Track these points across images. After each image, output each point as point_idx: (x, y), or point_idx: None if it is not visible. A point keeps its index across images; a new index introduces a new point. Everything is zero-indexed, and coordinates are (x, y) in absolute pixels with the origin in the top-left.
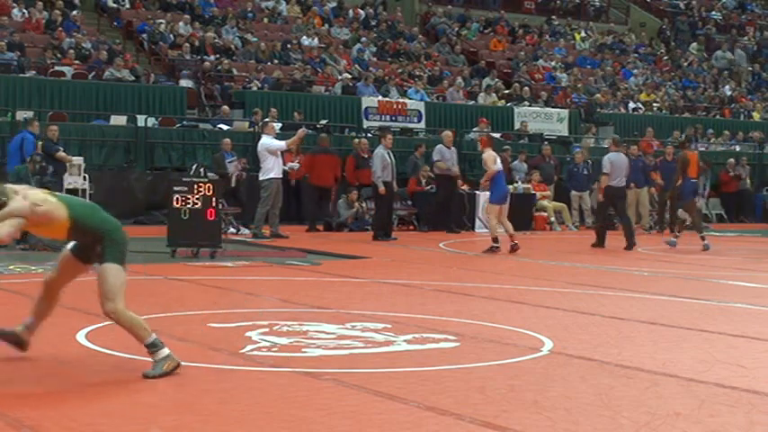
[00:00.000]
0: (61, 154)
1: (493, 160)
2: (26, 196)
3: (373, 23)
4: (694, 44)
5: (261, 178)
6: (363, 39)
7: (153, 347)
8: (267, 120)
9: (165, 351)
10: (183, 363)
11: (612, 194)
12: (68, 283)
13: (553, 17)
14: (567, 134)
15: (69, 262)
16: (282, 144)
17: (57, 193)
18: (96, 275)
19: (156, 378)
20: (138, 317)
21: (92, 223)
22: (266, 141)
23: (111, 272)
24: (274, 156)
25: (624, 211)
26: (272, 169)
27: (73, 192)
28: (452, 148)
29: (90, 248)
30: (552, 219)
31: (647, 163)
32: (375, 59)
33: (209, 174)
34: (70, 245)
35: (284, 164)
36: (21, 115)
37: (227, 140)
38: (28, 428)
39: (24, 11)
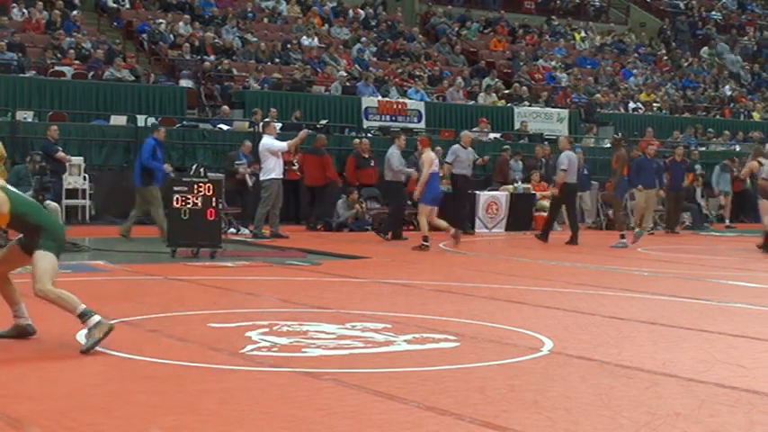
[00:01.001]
0: (60, 154)
1: (431, 162)
2: None
3: (373, 23)
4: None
5: (262, 178)
6: (363, 39)
7: (83, 317)
8: (268, 120)
9: (96, 318)
10: (182, 363)
11: (569, 191)
12: (12, 270)
13: (553, 17)
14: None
15: (15, 251)
16: (284, 145)
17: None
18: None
19: (92, 349)
20: (66, 292)
21: (30, 219)
22: (267, 142)
23: (42, 258)
24: (275, 156)
25: (575, 207)
26: (273, 169)
27: (73, 192)
28: (469, 147)
29: (30, 242)
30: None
31: (660, 164)
32: (375, 59)
33: (209, 173)
34: (17, 238)
35: (285, 164)
36: (21, 115)
37: (248, 144)
38: (27, 428)
39: (24, 11)
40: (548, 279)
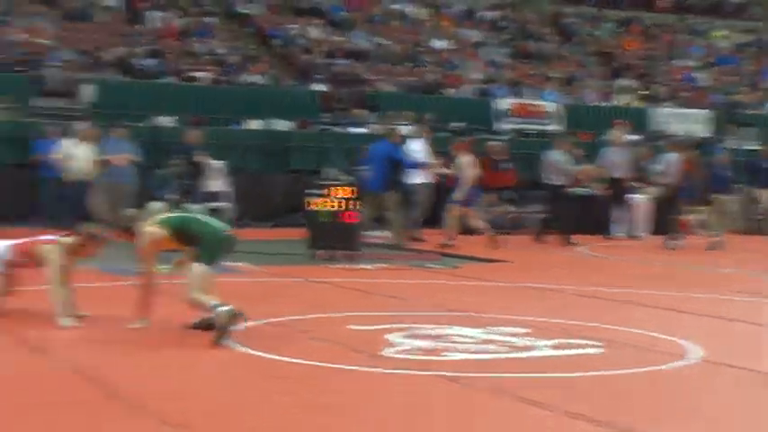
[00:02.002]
0: (200, 158)
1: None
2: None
3: (504, 25)
4: None
5: (409, 182)
6: (495, 40)
7: (213, 308)
8: (418, 125)
9: (224, 308)
10: (322, 364)
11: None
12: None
13: (690, 15)
14: (706, 135)
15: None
16: (425, 162)
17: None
18: None
19: (219, 336)
20: (208, 299)
21: (190, 232)
22: (414, 148)
23: (195, 269)
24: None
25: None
26: (420, 174)
27: (212, 195)
28: (623, 147)
29: (192, 251)
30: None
31: None
32: (507, 61)
33: (343, 177)
34: None
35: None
36: (161, 121)
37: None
38: (179, 426)
39: (162, 14)
40: (699, 285)
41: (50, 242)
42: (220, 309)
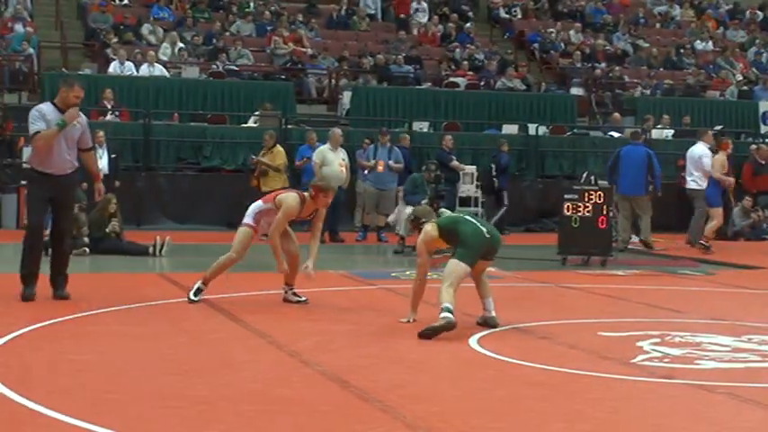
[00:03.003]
0: (455, 163)
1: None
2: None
3: None
4: None
5: (692, 188)
6: (761, 41)
7: (441, 311)
8: (707, 129)
9: (446, 315)
10: (571, 371)
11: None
12: (482, 270)
13: None
14: None
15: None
16: (708, 169)
17: (445, 212)
18: None
19: (424, 333)
20: (448, 300)
21: (454, 233)
22: (702, 152)
23: (450, 264)
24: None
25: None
26: (702, 179)
27: (465, 200)
28: None
29: (454, 250)
30: None
31: None
32: None
33: (599, 181)
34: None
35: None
36: (417, 126)
37: None
38: (423, 429)
39: (423, 21)
40: None
41: (291, 191)
42: (444, 315)
